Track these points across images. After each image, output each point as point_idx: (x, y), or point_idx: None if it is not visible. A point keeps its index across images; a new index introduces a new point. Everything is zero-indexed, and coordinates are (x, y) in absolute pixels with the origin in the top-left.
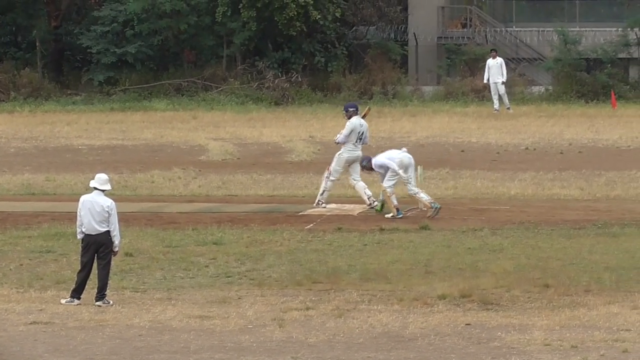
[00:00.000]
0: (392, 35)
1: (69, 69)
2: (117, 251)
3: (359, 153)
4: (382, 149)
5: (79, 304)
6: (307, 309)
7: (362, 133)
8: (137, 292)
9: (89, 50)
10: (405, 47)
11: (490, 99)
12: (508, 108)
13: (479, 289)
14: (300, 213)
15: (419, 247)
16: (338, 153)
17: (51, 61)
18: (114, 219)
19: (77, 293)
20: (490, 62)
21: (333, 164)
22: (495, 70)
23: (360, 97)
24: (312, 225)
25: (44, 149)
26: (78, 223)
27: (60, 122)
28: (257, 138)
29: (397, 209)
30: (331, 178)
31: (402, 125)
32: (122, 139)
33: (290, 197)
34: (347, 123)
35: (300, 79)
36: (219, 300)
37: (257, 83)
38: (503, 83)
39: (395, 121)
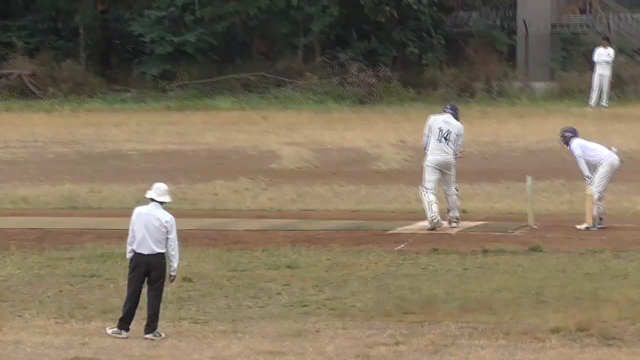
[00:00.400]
0: (498, 23)
1: (117, 61)
2: (175, 276)
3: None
4: (485, 156)
5: (128, 337)
6: (397, 343)
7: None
8: (197, 323)
9: (141, 38)
10: (514, 36)
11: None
12: (604, 106)
13: (599, 322)
14: (390, 232)
15: (529, 272)
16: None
17: (97, 52)
18: (174, 237)
19: (125, 323)
20: (599, 51)
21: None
22: (603, 61)
23: (459, 95)
24: (403, 245)
25: (87, 155)
26: (129, 239)
27: (106, 123)
28: (339, 143)
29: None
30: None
31: (509, 128)
32: (179, 143)
33: (377, 212)
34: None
35: (389, 74)
36: (293, 334)
37: (338, 78)
38: (610, 79)
39: (501, 123)
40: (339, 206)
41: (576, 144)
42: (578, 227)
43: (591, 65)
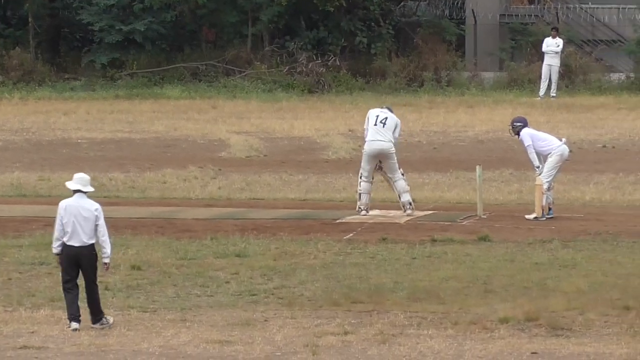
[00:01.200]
0: (447, 12)
1: (66, 49)
2: (108, 263)
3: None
4: (434, 146)
5: (77, 329)
6: (346, 333)
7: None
8: (146, 312)
9: (90, 27)
10: (462, 26)
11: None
12: (554, 96)
13: (547, 312)
14: (338, 220)
15: (477, 261)
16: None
17: (46, 40)
18: (102, 224)
19: (74, 316)
20: (548, 41)
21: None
22: (552, 51)
23: (408, 85)
24: (351, 234)
25: (36, 143)
26: (57, 234)
27: (56, 111)
28: (288, 132)
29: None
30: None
31: (458, 117)
32: (128, 132)
33: (326, 201)
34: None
35: (338, 63)
36: (241, 323)
37: (287, 67)
38: (559, 69)
39: (450, 113)
40: (288, 195)
41: (526, 133)
42: (527, 217)
43: (540, 56)
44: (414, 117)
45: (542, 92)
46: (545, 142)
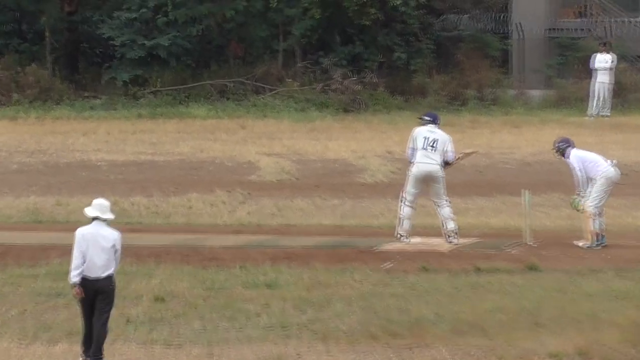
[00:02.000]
0: (491, 27)
1: (86, 65)
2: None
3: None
4: (478, 169)
5: None
6: None
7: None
8: (170, 347)
9: (111, 42)
10: (507, 41)
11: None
12: (606, 115)
13: (600, 346)
14: (376, 249)
15: (525, 291)
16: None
17: (64, 55)
18: (119, 254)
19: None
20: (598, 57)
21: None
22: (602, 67)
23: (450, 103)
24: (390, 263)
25: (54, 166)
26: (75, 263)
27: (74, 131)
28: (321, 153)
29: (598, 235)
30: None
31: (503, 138)
32: (152, 154)
33: (362, 227)
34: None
35: (375, 80)
36: (273, 358)
37: (321, 84)
38: (612, 85)
39: (494, 133)
40: (322, 221)
41: (574, 155)
42: (577, 243)
43: (589, 72)
44: (456, 137)
45: (591, 110)
46: (593, 163)
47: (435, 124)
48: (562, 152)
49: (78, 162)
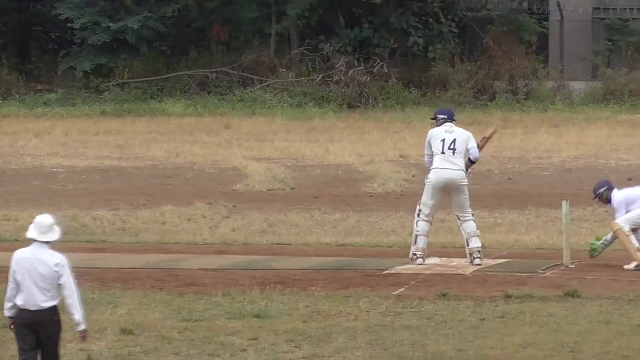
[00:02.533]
0: (526, 6)
1: (39, 52)
2: (84, 331)
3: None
4: (509, 176)
5: None
6: None
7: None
8: None
9: (69, 24)
10: (545, 22)
11: None
12: None
13: None
14: (385, 271)
15: (564, 323)
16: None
17: (13, 41)
18: (68, 280)
19: None
20: None
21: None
22: None
23: (476, 98)
24: (402, 289)
25: (1, 173)
26: (9, 293)
27: (25, 132)
28: (322, 158)
29: None
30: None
31: (540, 139)
32: (118, 158)
33: (370, 247)
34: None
35: (386, 70)
36: None
37: (321, 75)
38: None
39: (529, 133)
40: (322, 239)
41: (617, 202)
42: (626, 267)
43: None
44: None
45: None
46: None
47: (452, 120)
48: (606, 200)
49: (29, 168)
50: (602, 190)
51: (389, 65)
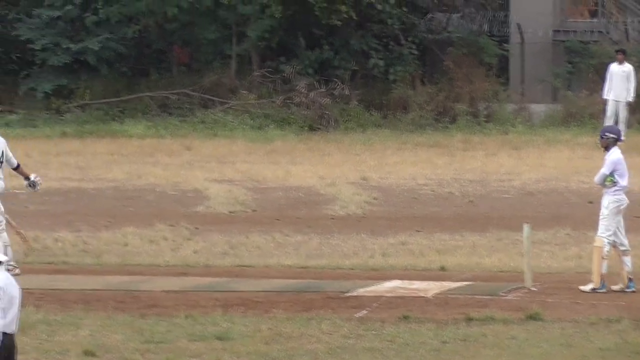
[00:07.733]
0: (486, 28)
1: None
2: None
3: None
4: (470, 198)
5: None
6: None
7: None
8: None
9: (29, 45)
10: (505, 45)
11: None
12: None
13: None
14: (348, 294)
15: (525, 346)
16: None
17: None
18: (14, 306)
19: None
20: (613, 68)
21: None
22: (619, 81)
23: (437, 120)
24: (364, 312)
25: None
26: None
27: None
28: (283, 180)
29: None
30: None
31: (500, 162)
32: (79, 180)
33: (331, 269)
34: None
35: (347, 92)
36: None
37: (282, 97)
38: (629, 103)
39: (490, 156)
40: (283, 261)
41: (615, 157)
42: (582, 288)
43: (604, 85)
44: (444, 161)
45: None
46: (624, 178)
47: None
48: (606, 146)
49: None
50: (611, 135)
51: (349, 88)
